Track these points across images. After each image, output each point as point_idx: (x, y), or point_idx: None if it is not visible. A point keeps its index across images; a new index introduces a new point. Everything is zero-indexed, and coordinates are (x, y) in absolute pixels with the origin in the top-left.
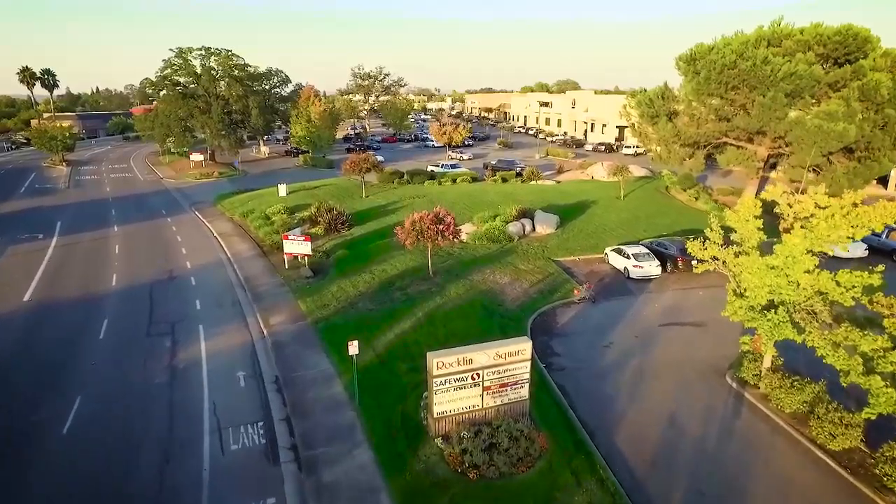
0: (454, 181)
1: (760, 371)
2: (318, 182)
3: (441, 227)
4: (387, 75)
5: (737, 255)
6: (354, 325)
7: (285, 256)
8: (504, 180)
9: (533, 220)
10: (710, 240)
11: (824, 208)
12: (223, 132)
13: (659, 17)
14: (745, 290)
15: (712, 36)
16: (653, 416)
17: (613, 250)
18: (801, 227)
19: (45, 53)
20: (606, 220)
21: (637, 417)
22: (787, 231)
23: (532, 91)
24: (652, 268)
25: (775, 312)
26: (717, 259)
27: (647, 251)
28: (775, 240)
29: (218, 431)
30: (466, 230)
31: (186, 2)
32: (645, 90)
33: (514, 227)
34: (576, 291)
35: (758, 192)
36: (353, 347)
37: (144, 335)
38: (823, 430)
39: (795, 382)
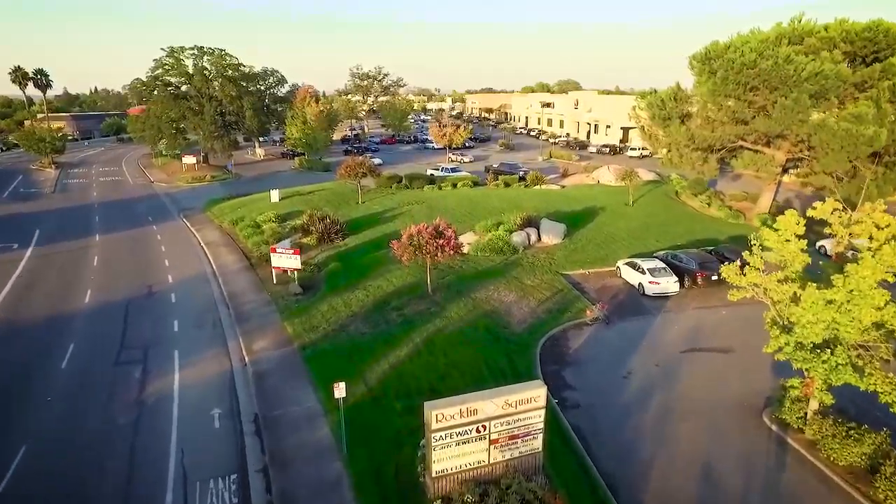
0: (455, 185)
1: (806, 413)
2: (313, 187)
3: (441, 241)
4: (386, 75)
5: (781, 281)
6: (345, 352)
7: (273, 270)
8: (507, 185)
9: (539, 229)
10: (749, 264)
11: (884, 228)
12: (216, 134)
13: (659, 18)
14: (793, 324)
15: (713, 36)
16: (683, 466)
17: (626, 264)
18: (872, 255)
19: (44, 53)
20: (616, 228)
21: (665, 469)
22: (842, 257)
23: (533, 91)
24: (669, 284)
25: (832, 353)
26: (758, 286)
27: (664, 265)
28: (821, 264)
29: (183, 486)
30: (468, 240)
31: (187, 2)
32: (655, 91)
33: (518, 237)
34: (588, 311)
35: (774, 198)
36: (340, 390)
37: (112, 364)
38: (895, 492)
39: (852, 431)
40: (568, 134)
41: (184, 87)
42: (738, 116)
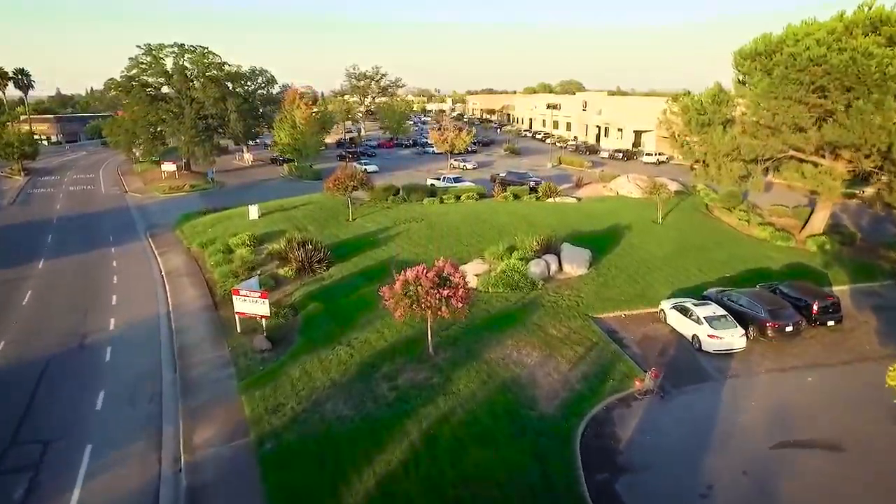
0: (458, 198)
1: None
2: (299, 199)
3: (446, 291)
4: (383, 75)
5: None
6: (317, 453)
7: (237, 317)
8: (516, 197)
9: (559, 257)
10: None
11: None
12: (197, 139)
13: (660, 17)
14: None
15: (720, 36)
16: None
17: (674, 307)
18: None
19: (43, 53)
20: (648, 253)
21: None
22: None
23: (535, 92)
24: (735, 338)
25: None
26: None
27: (723, 312)
28: None
29: None
30: (475, 270)
31: (185, 2)
32: (689, 93)
33: (536, 268)
34: (637, 382)
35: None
36: None
37: None
38: None
39: None
40: (576, 137)
41: (164, 89)
42: (796, 122)
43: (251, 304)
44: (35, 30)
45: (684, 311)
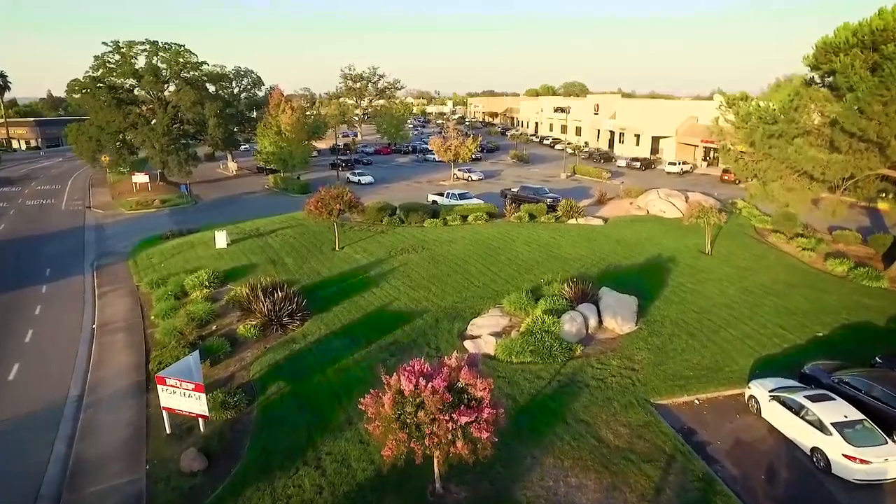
0: (464, 218)
1: None
2: (280, 220)
3: (463, 415)
4: (381, 77)
5: None
6: None
7: (164, 412)
8: (532, 217)
9: (598, 306)
10: None
11: None
12: (170, 147)
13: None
14: None
15: (718, 32)
16: None
17: (775, 398)
18: None
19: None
20: (706, 299)
21: None
22: None
23: (538, 94)
24: (890, 462)
25: None
26: None
27: (859, 416)
28: None
29: None
30: (493, 327)
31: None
32: (748, 96)
33: (571, 325)
34: None
35: None
36: None
37: None
38: None
39: None
40: (586, 143)
41: (134, 91)
42: None
43: (183, 398)
44: (27, 31)
45: (795, 408)
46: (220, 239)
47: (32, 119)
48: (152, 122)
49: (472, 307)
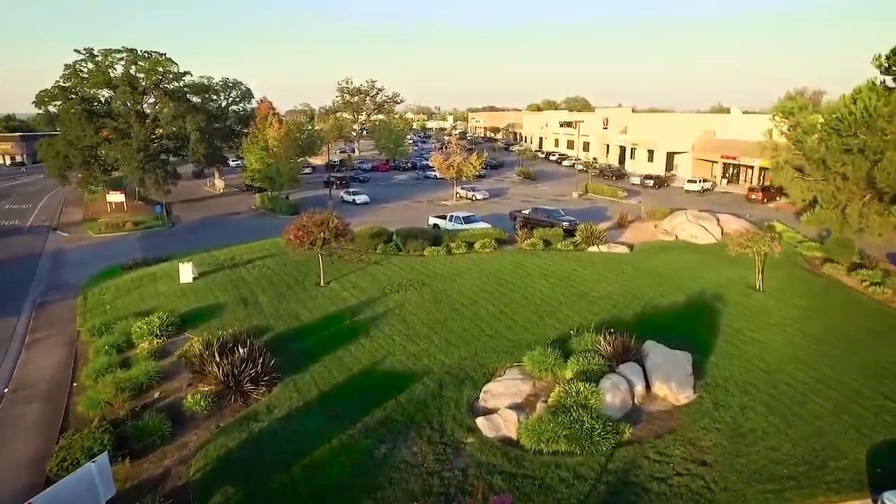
0: (470, 245)
1: None
2: (260, 247)
3: None
4: (379, 90)
5: None
6: None
7: None
8: (547, 243)
9: (644, 367)
10: None
11: None
12: (147, 164)
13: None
14: None
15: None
16: None
17: None
18: None
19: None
20: (776, 353)
21: None
22: None
23: (539, 109)
24: None
25: None
26: None
27: None
28: None
29: None
30: (513, 396)
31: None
32: (807, 105)
33: (613, 395)
34: None
35: None
36: None
37: None
38: None
39: None
40: (595, 159)
41: (113, 103)
42: None
43: None
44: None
45: None
46: (185, 272)
47: (18, 134)
48: (127, 137)
49: (485, 365)
